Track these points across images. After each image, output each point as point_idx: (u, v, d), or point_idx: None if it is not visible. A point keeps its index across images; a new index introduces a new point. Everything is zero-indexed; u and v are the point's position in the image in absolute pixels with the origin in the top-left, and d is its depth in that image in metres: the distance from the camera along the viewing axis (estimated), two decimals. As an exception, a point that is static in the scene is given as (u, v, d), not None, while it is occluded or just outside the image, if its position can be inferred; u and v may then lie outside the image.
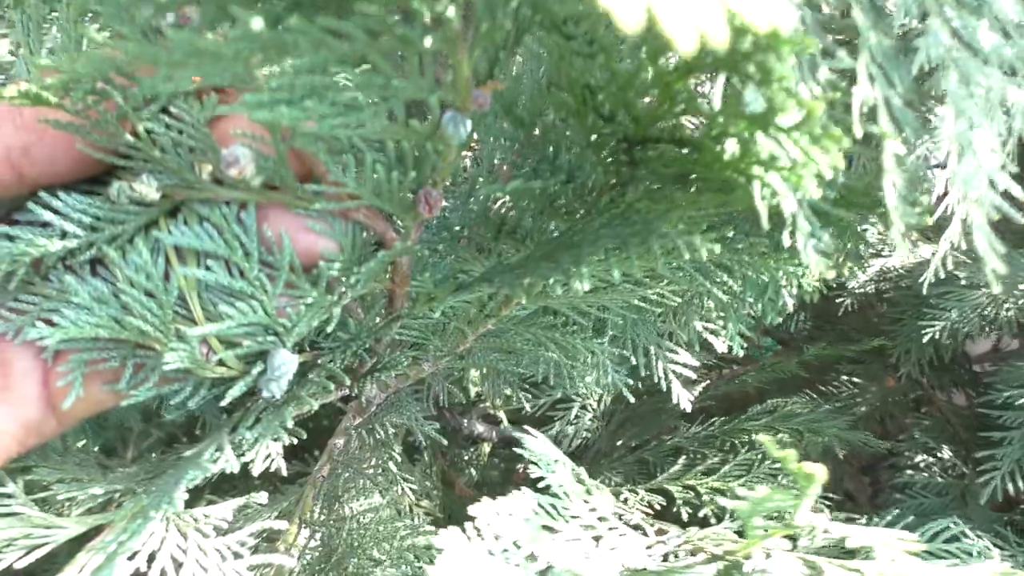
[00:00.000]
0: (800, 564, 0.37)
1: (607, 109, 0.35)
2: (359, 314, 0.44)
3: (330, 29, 0.22)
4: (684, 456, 0.79)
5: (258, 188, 0.35)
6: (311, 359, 0.43)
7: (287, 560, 0.50)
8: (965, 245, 0.51)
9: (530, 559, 0.37)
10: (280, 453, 0.41)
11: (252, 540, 0.35)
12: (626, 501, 0.65)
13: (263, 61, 0.24)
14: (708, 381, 1.05)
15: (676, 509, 0.69)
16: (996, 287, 0.31)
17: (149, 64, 0.22)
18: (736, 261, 0.50)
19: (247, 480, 0.41)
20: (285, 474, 0.40)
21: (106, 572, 0.31)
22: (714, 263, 0.52)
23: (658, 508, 0.68)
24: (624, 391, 0.72)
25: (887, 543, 0.33)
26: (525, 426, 0.48)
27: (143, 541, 0.33)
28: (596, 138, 0.39)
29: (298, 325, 0.38)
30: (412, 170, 0.35)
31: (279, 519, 0.64)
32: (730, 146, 0.32)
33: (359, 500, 0.68)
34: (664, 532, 0.45)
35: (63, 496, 0.39)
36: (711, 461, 0.76)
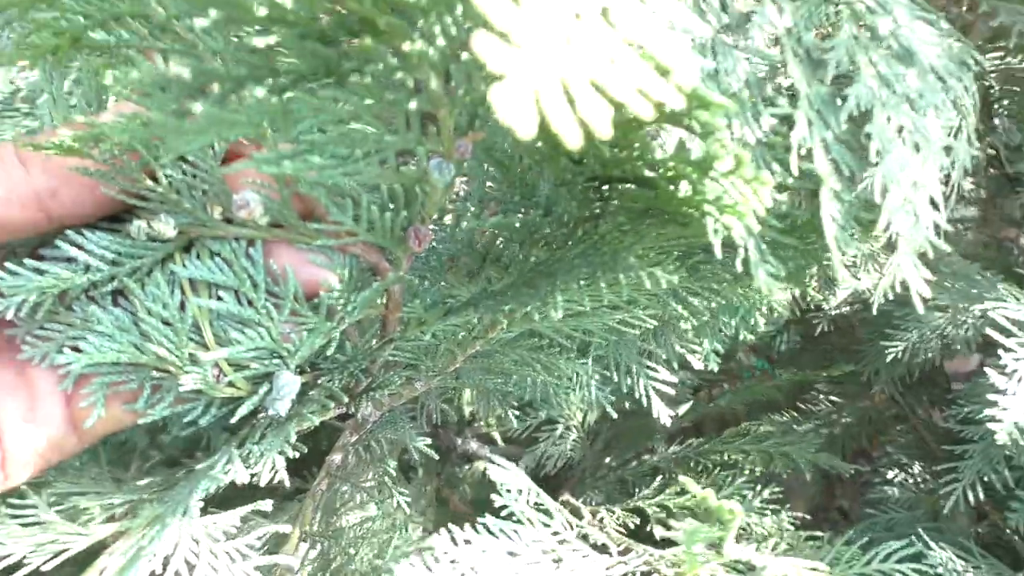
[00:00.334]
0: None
1: (576, 154, 0.40)
2: (356, 337, 0.48)
3: (330, 98, 0.26)
4: (661, 476, 0.82)
5: (265, 226, 0.39)
6: (312, 379, 0.47)
7: (292, 561, 0.53)
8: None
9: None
10: (283, 466, 0.44)
11: (258, 543, 0.39)
12: (602, 520, 0.68)
13: (272, 124, 0.28)
14: (692, 401, 1.08)
15: (650, 528, 0.72)
16: (920, 308, 0.35)
17: (175, 132, 0.26)
18: (703, 287, 0.54)
19: (250, 497, 0.44)
20: (288, 486, 0.43)
21: (129, 572, 0.35)
22: (684, 289, 0.56)
23: (632, 527, 0.71)
24: (608, 408, 0.76)
25: (799, 572, 0.36)
26: (493, 455, 0.51)
27: (161, 545, 0.37)
28: (569, 177, 0.43)
29: (301, 349, 0.42)
30: (403, 209, 0.39)
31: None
32: (683, 187, 0.36)
33: (355, 512, 0.72)
34: (628, 551, 0.48)
35: (84, 506, 0.42)
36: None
